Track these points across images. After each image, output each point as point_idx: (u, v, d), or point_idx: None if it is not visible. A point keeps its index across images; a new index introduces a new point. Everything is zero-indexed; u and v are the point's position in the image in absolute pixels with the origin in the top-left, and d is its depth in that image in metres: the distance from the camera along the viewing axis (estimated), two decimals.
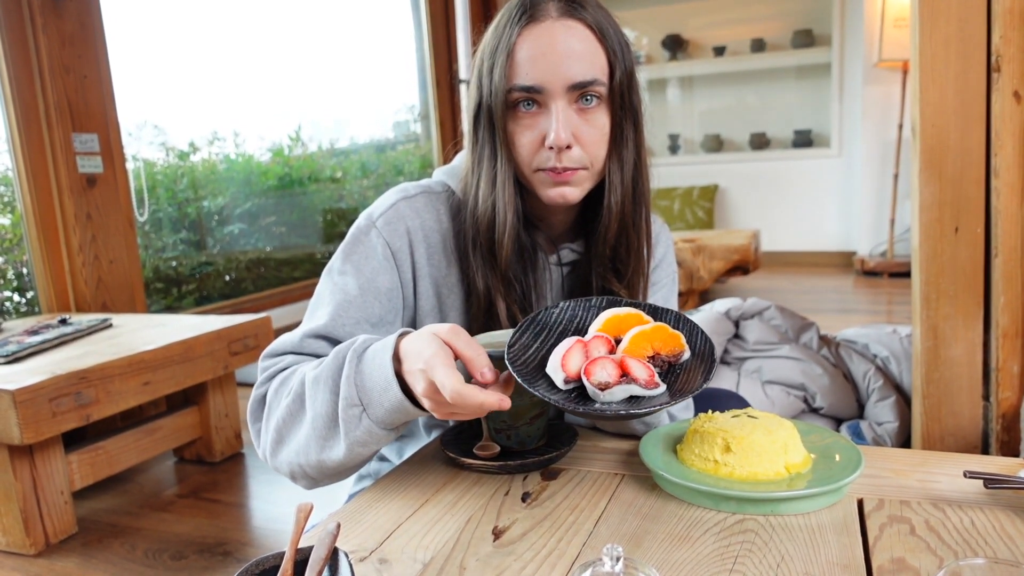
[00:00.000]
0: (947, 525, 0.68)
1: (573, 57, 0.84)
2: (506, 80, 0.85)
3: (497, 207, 0.89)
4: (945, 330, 1.48)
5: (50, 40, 2.47)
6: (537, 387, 0.70)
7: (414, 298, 0.95)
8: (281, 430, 0.82)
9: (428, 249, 0.94)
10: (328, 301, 0.90)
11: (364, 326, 0.89)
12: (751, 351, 2.29)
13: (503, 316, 0.92)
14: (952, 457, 0.83)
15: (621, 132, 0.89)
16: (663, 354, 0.75)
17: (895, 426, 1.99)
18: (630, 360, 0.72)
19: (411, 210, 0.93)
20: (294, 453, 0.81)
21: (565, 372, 0.71)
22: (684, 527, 0.70)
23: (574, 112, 0.86)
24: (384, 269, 0.91)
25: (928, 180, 1.44)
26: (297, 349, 0.89)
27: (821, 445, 0.81)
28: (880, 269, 4.88)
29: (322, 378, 0.78)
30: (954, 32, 1.38)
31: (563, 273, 0.99)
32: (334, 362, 0.78)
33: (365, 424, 0.75)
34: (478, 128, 0.91)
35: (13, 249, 2.68)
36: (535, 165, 0.88)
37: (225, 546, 1.84)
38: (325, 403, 0.77)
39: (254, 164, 4.06)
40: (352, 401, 0.75)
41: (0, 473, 1.79)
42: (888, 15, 4.57)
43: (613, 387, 0.69)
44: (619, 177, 0.91)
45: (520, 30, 0.85)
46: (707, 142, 5.80)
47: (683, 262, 4.03)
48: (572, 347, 0.73)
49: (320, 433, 0.78)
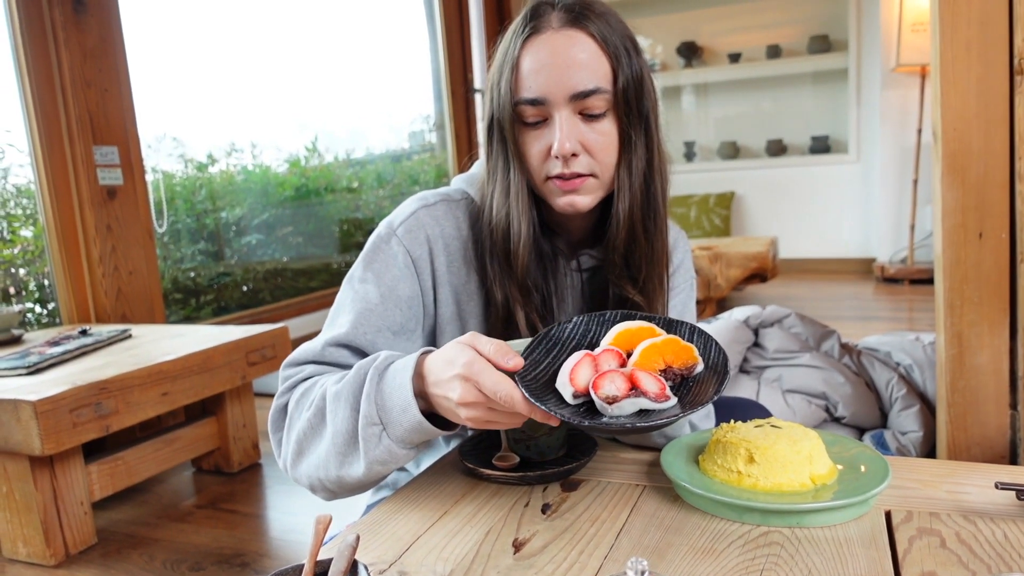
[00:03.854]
0: (979, 538, 0.66)
1: (574, 67, 0.85)
2: (512, 93, 0.87)
3: (512, 217, 0.90)
4: (970, 337, 1.45)
5: (71, 54, 2.50)
6: (547, 402, 0.68)
7: (435, 306, 0.94)
8: (301, 443, 0.82)
9: (448, 257, 0.94)
10: (349, 309, 0.90)
11: (385, 334, 0.89)
12: (771, 360, 2.27)
13: (522, 325, 0.91)
14: (981, 468, 0.81)
15: (629, 139, 0.89)
16: (675, 367, 0.73)
17: (919, 435, 1.95)
18: (640, 373, 0.70)
19: (431, 218, 0.94)
20: (314, 467, 0.81)
21: (573, 386, 0.70)
22: (708, 539, 0.69)
23: (579, 121, 0.87)
24: (405, 277, 0.91)
25: (951, 185, 1.42)
26: (319, 358, 0.89)
27: (847, 456, 0.80)
28: (901, 276, 4.83)
29: (343, 394, 0.78)
30: (975, 35, 1.36)
31: (583, 279, 0.99)
32: (356, 378, 0.78)
33: (385, 443, 0.76)
34: (492, 140, 0.92)
35: (35, 261, 2.71)
36: (544, 174, 0.89)
37: (243, 557, 1.84)
38: (345, 420, 0.77)
39: (271, 175, 4.09)
40: (372, 420, 0.75)
41: (21, 484, 1.80)
42: (905, 20, 4.53)
43: (622, 400, 0.68)
44: (628, 184, 0.90)
45: (523, 42, 0.87)
46: (723, 149, 5.77)
47: (700, 270, 4.01)
48: (581, 361, 0.72)
49: (340, 449, 0.78)
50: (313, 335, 0.95)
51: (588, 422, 0.67)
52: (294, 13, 4.19)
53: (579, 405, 0.70)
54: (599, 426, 0.67)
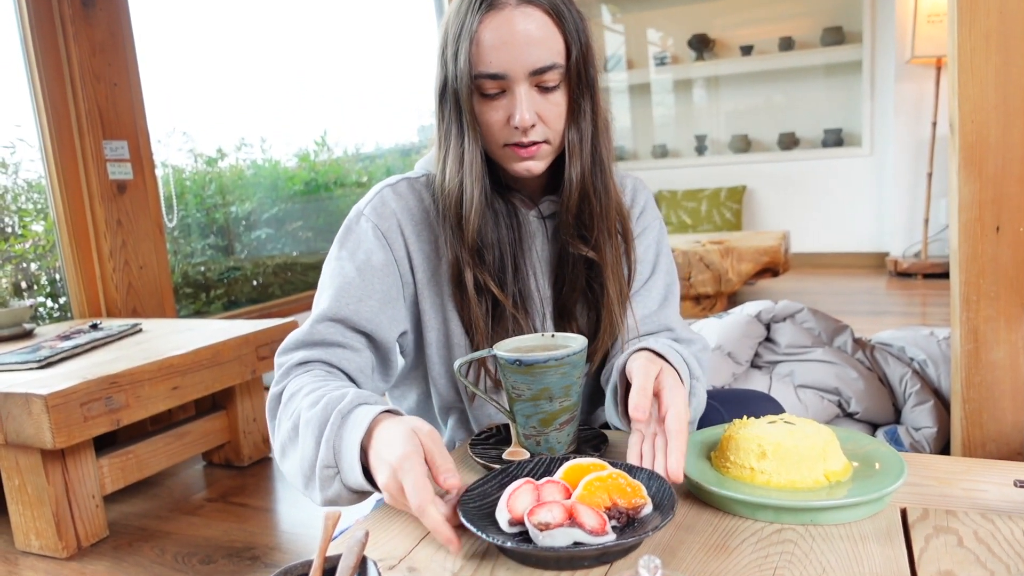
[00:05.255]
0: (997, 537, 0.65)
1: (533, 44, 0.89)
2: (471, 66, 0.90)
3: (464, 184, 0.94)
4: (986, 333, 1.43)
5: (81, 49, 2.50)
6: (486, 530, 0.65)
7: (411, 274, 0.99)
8: (284, 446, 0.86)
9: (415, 227, 0.99)
10: (328, 285, 0.96)
11: (368, 303, 0.94)
12: (783, 354, 2.25)
13: (470, 285, 0.96)
14: (998, 465, 0.80)
15: (579, 106, 0.94)
16: (620, 504, 0.67)
17: (933, 431, 1.94)
18: (580, 506, 0.65)
19: (394, 195, 1.00)
20: (291, 474, 0.85)
21: (510, 513, 0.66)
22: (721, 537, 0.68)
23: (536, 93, 0.91)
24: (377, 248, 0.97)
25: (968, 178, 1.40)
26: (308, 340, 0.93)
27: (861, 452, 0.79)
28: (914, 270, 4.79)
29: (312, 423, 0.80)
30: (994, 26, 1.34)
31: (546, 225, 1.03)
32: (323, 413, 0.79)
33: (337, 486, 0.77)
34: (444, 108, 0.96)
35: (46, 255, 2.72)
36: (502, 141, 0.94)
37: (253, 550, 1.84)
38: (309, 448, 0.80)
39: (281, 169, 4.09)
40: (328, 462, 0.77)
41: (33, 477, 1.81)
42: (921, 11, 4.48)
43: (554, 529, 0.63)
44: (579, 148, 0.95)
45: (481, 17, 0.89)
46: (735, 142, 5.73)
47: (711, 264, 3.98)
48: (520, 487, 0.68)
49: (304, 472, 0.81)
50: None
51: (510, 544, 0.63)
52: (304, 6, 4.19)
53: (515, 534, 0.66)
54: (528, 551, 0.63)
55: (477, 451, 0.88)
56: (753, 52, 5.56)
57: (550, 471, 0.76)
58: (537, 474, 0.76)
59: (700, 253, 3.98)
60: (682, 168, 5.87)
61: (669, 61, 5.88)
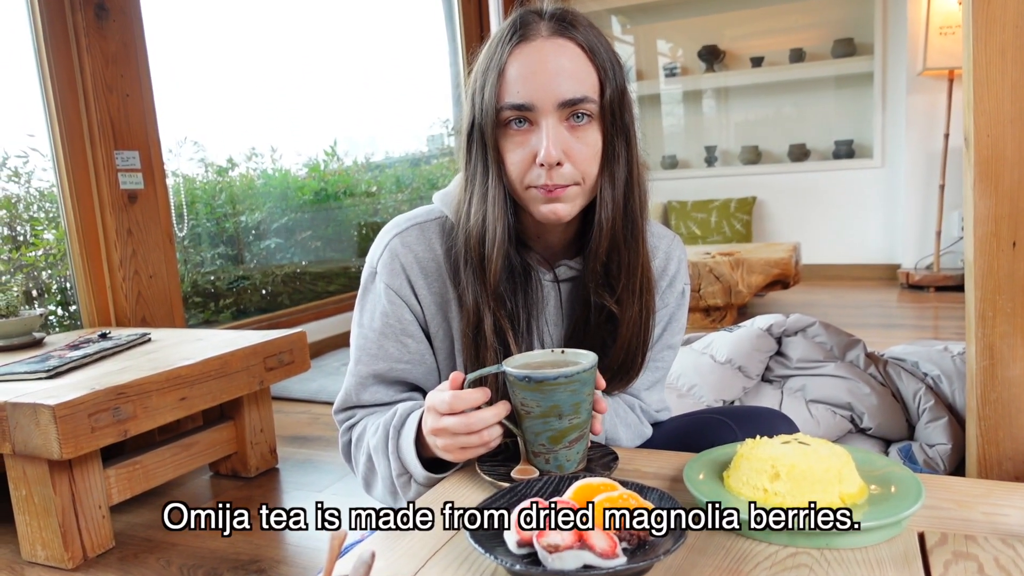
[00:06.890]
0: (1020, 563, 0.63)
1: (563, 75, 0.84)
2: (497, 98, 0.86)
3: (487, 221, 0.90)
4: (1002, 349, 1.41)
5: (94, 60, 2.52)
6: (495, 551, 0.64)
7: (427, 327, 1.01)
8: (367, 478, 0.99)
9: (426, 278, 0.97)
10: (358, 350, 1.02)
11: (400, 364, 1.00)
12: (795, 369, 2.23)
13: (489, 330, 0.92)
14: (1020, 488, 0.78)
15: (613, 149, 0.89)
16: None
17: (948, 448, 1.91)
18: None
19: (403, 246, 0.98)
20: (381, 498, 0.99)
21: (518, 534, 0.65)
22: (733, 560, 0.66)
23: (565, 129, 0.86)
24: (395, 307, 0.98)
25: (983, 192, 1.38)
26: (358, 402, 1.03)
27: (877, 474, 0.77)
28: (926, 283, 4.75)
29: (379, 448, 0.94)
30: (1010, 39, 1.33)
31: (560, 290, 0.99)
32: (383, 434, 0.93)
33: (415, 487, 0.91)
34: (471, 146, 0.92)
35: (57, 264, 2.73)
36: (527, 182, 0.88)
37: (259, 563, 1.83)
38: (383, 468, 0.94)
39: (291, 179, 4.10)
40: (399, 471, 0.91)
41: (39, 487, 1.81)
42: (933, 23, 4.46)
43: (563, 551, 0.61)
44: (610, 194, 0.90)
45: (511, 49, 0.86)
46: (744, 154, 5.72)
47: (721, 276, 3.96)
48: (527, 508, 0.66)
49: (389, 489, 0.95)
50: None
51: (519, 567, 0.62)
52: (314, 17, 4.21)
53: (523, 555, 0.64)
54: (535, 574, 0.62)
55: (486, 468, 0.87)
56: (763, 63, 5.55)
57: (559, 490, 0.75)
58: (546, 493, 0.75)
59: (710, 265, 3.96)
60: (692, 179, 5.86)
61: (679, 72, 5.87)
